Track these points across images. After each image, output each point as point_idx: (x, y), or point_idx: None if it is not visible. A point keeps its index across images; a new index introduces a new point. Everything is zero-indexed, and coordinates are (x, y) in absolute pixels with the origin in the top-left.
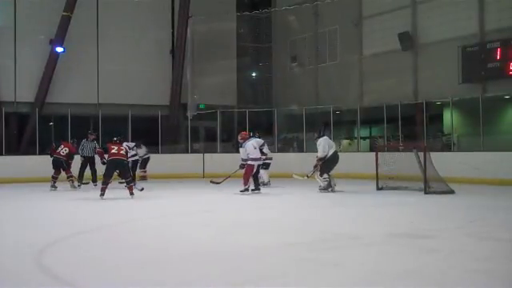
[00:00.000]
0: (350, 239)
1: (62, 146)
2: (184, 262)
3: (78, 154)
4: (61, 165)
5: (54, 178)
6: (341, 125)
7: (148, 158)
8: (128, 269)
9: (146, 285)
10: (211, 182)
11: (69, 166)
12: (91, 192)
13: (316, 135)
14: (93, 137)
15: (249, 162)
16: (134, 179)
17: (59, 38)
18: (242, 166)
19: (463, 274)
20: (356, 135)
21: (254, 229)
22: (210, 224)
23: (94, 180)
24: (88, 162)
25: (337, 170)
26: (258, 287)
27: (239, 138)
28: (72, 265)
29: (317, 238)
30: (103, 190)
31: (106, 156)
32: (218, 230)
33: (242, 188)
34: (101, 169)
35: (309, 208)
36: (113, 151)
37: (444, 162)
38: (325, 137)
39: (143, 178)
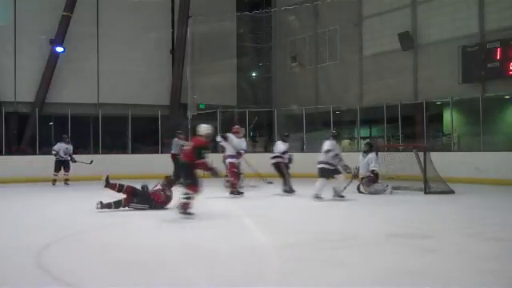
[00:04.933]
0: (351, 239)
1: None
2: (184, 262)
3: None
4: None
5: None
6: (341, 125)
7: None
8: (127, 269)
9: (145, 285)
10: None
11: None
12: (91, 192)
13: (367, 148)
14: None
15: None
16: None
17: (59, 38)
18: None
19: (463, 273)
20: (356, 135)
21: (254, 229)
22: (210, 224)
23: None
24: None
25: None
26: (258, 287)
27: None
28: (71, 265)
29: (317, 238)
30: None
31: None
32: (217, 231)
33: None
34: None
35: (309, 208)
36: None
37: (444, 162)
38: (373, 152)
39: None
